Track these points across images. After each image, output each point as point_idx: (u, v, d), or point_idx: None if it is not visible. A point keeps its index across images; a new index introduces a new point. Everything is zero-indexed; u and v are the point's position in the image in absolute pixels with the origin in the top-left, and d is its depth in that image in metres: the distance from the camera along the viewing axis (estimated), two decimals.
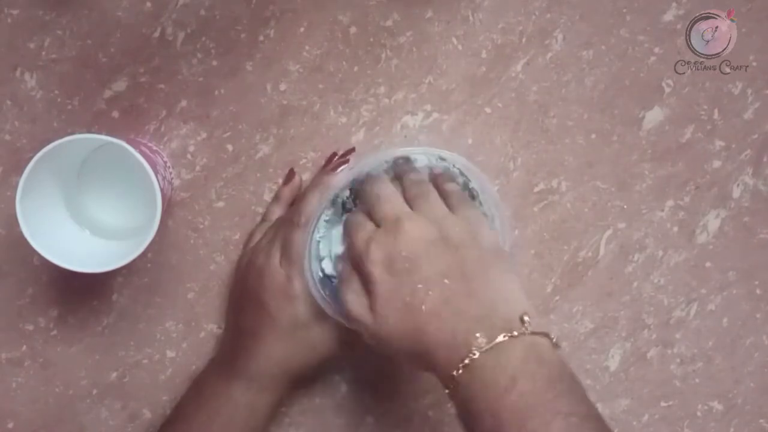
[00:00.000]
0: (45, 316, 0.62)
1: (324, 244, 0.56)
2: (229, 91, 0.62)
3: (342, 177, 0.57)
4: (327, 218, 0.56)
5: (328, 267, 0.56)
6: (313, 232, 0.55)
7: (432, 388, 0.63)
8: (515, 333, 0.45)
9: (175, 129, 0.62)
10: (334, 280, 0.58)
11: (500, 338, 0.45)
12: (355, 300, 0.51)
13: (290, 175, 0.61)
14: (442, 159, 0.56)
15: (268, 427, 0.59)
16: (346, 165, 0.60)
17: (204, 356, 0.63)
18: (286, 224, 0.57)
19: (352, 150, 0.61)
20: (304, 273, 0.55)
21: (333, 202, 0.57)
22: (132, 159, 0.51)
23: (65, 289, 0.62)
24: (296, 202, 0.61)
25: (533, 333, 0.45)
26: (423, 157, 0.57)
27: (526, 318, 0.46)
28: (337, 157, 0.61)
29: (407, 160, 0.56)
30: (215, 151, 0.62)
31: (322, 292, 0.55)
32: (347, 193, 0.57)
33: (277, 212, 0.61)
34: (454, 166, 0.57)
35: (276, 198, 0.62)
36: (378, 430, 0.64)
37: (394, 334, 0.48)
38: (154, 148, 0.60)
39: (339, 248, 0.56)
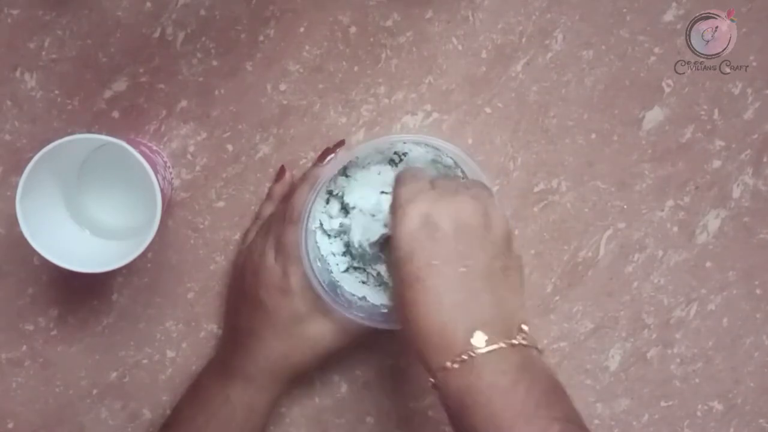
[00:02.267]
0: (45, 316, 0.62)
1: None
2: (229, 91, 0.62)
3: (330, 167, 0.57)
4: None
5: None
6: (306, 224, 0.55)
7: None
8: (514, 342, 0.46)
9: (175, 129, 0.62)
10: (332, 272, 0.58)
11: (501, 344, 0.45)
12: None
13: (281, 172, 0.61)
14: (435, 148, 0.56)
15: (267, 425, 0.59)
16: (333, 155, 0.60)
17: (204, 356, 0.63)
18: (279, 220, 0.57)
19: (342, 142, 0.61)
20: (303, 267, 0.55)
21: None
22: (132, 159, 0.51)
23: (65, 289, 0.62)
24: (286, 197, 0.61)
25: (528, 345, 0.46)
26: (415, 151, 0.57)
27: (524, 327, 0.47)
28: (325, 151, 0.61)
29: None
30: (215, 151, 0.62)
31: (323, 284, 0.55)
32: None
33: (270, 209, 0.61)
34: (447, 155, 0.57)
35: (268, 195, 0.62)
36: (378, 430, 0.64)
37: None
38: (154, 148, 0.60)
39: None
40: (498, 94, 0.63)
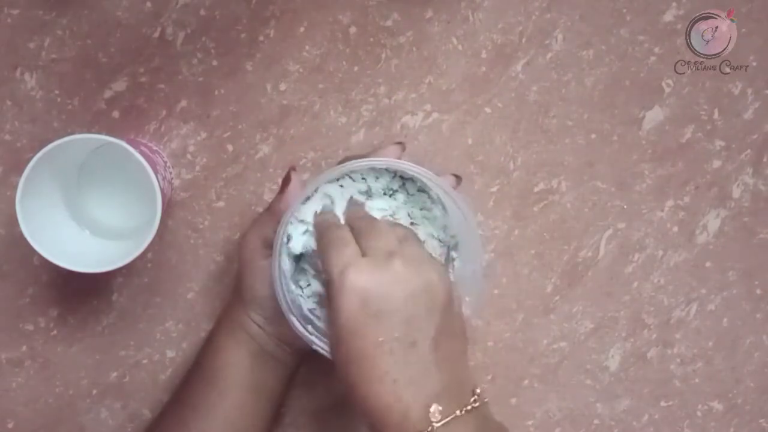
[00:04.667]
0: (45, 316, 0.62)
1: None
2: (229, 91, 0.62)
3: (291, 204, 0.52)
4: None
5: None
6: (279, 254, 0.52)
7: None
8: (468, 407, 0.46)
9: (175, 129, 0.62)
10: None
11: (456, 412, 0.45)
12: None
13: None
14: (404, 178, 0.54)
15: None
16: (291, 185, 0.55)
17: None
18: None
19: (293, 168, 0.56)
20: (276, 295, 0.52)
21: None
22: (132, 159, 0.51)
23: (65, 289, 0.62)
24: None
25: (481, 405, 0.47)
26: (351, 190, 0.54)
27: (477, 391, 0.47)
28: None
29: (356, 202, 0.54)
30: (215, 151, 0.62)
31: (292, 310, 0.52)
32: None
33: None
34: (414, 178, 0.54)
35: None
36: None
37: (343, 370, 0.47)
38: (154, 148, 0.60)
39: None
40: (498, 94, 0.63)
